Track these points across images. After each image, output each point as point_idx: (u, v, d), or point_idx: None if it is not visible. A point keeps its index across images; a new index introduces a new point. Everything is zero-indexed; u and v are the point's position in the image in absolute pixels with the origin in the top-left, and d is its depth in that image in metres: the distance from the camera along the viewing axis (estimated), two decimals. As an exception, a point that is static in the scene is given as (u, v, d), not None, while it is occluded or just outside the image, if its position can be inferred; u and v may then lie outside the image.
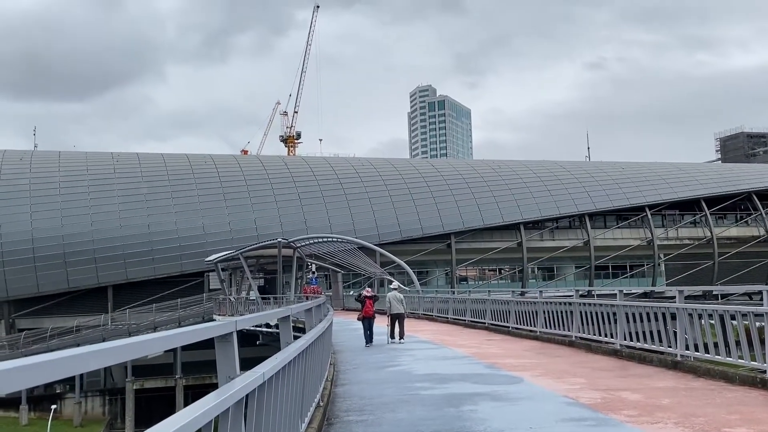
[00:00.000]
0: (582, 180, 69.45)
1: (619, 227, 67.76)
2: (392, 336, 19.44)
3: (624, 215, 67.90)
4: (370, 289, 21.54)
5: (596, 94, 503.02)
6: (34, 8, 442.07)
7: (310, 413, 6.94)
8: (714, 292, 54.61)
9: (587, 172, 71.84)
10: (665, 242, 67.63)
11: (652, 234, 66.50)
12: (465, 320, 26.03)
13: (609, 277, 66.28)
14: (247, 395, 3.52)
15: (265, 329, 32.24)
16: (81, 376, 45.72)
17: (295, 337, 6.59)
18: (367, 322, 19.13)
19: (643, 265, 67.56)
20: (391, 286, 22.66)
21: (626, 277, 66.53)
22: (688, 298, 12.41)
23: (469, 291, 35.02)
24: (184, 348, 42.65)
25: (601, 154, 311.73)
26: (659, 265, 67.26)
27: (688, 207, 69.92)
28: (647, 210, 67.06)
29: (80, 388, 45.52)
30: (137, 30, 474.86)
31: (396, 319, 19.54)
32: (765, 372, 9.34)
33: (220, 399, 3.02)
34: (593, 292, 21.05)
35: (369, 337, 18.86)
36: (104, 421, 44.79)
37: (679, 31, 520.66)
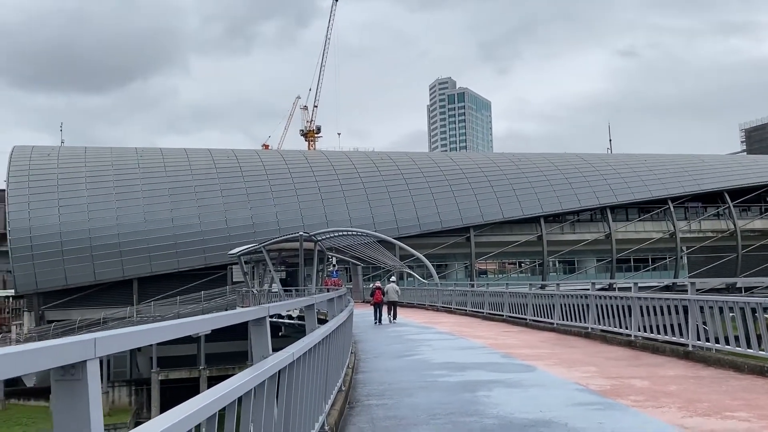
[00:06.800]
0: (604, 172, 69.10)
1: (641, 220, 67.35)
2: (391, 318, 25.48)
3: (646, 208, 67.47)
4: (379, 282, 27.75)
5: (625, 83, 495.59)
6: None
7: (332, 396, 7.41)
8: (738, 285, 54.24)
9: (609, 165, 71.46)
10: (688, 235, 67.10)
11: (674, 227, 66.01)
12: (483, 312, 26.40)
13: (631, 270, 65.99)
14: (279, 371, 3.99)
15: (287, 321, 32.87)
16: (108, 366, 46.94)
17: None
18: (376, 307, 25.53)
19: (665, 258, 67.15)
20: (391, 279, 29.19)
21: (648, 270, 66.20)
22: (711, 290, 12.62)
23: (488, 284, 35.29)
24: (208, 340, 43.52)
25: (627, 146, 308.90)
26: (682, 258, 66.80)
27: (711, 199, 69.29)
28: (670, 203, 66.58)
29: (107, 378, 46.71)
30: (159, 20, 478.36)
31: (392, 305, 25.87)
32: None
33: (257, 373, 3.49)
34: (614, 285, 21.25)
35: (378, 318, 25.11)
36: (131, 410, 45.90)
37: (713, 17, 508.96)
